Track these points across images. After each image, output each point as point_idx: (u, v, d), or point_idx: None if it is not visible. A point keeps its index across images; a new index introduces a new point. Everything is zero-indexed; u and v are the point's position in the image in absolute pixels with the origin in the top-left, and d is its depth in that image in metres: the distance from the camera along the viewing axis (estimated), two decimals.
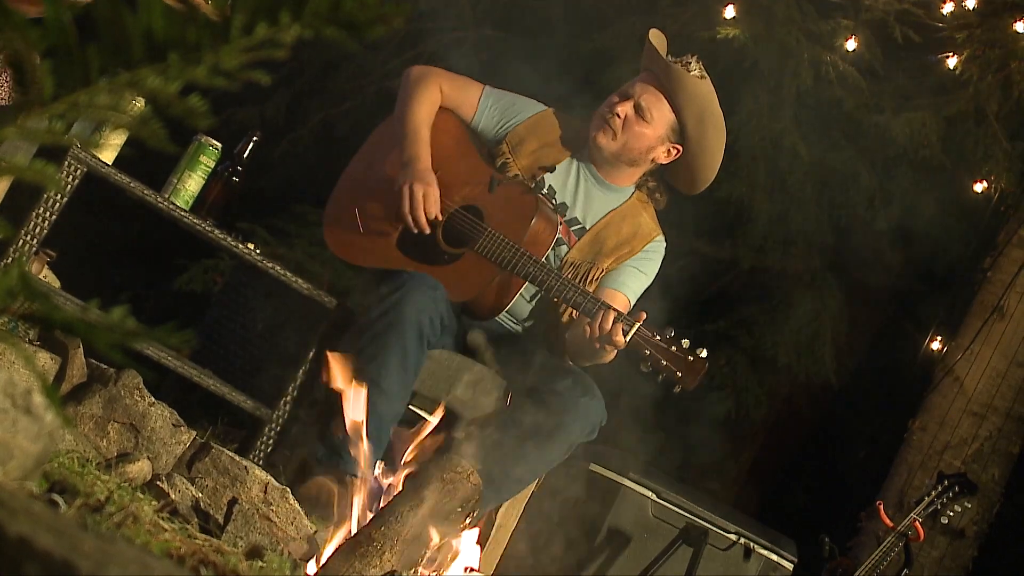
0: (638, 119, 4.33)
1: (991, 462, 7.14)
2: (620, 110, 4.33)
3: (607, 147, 4.35)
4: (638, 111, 4.33)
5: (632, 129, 4.34)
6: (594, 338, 3.97)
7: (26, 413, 1.67)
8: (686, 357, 3.96)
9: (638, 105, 4.33)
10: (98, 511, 2.19)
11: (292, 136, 8.88)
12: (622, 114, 4.33)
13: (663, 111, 4.34)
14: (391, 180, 4.32)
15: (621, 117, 4.33)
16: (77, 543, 1.22)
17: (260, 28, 1.34)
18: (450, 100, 4.50)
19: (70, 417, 3.18)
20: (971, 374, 7.23)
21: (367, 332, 3.95)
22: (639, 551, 5.12)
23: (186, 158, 4.36)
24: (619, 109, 4.33)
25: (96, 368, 3.45)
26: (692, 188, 4.51)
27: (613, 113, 4.34)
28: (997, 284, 7.36)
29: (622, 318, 3.96)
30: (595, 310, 4.01)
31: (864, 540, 6.84)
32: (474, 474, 3.43)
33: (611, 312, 3.96)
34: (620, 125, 4.33)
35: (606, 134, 4.35)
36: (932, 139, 7.13)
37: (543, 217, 4.25)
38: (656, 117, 4.33)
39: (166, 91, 1.34)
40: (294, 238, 7.80)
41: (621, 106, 4.34)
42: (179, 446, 3.32)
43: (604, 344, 3.97)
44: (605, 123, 4.34)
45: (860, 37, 7.01)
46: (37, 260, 4.26)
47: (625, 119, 4.33)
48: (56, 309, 1.36)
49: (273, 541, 2.84)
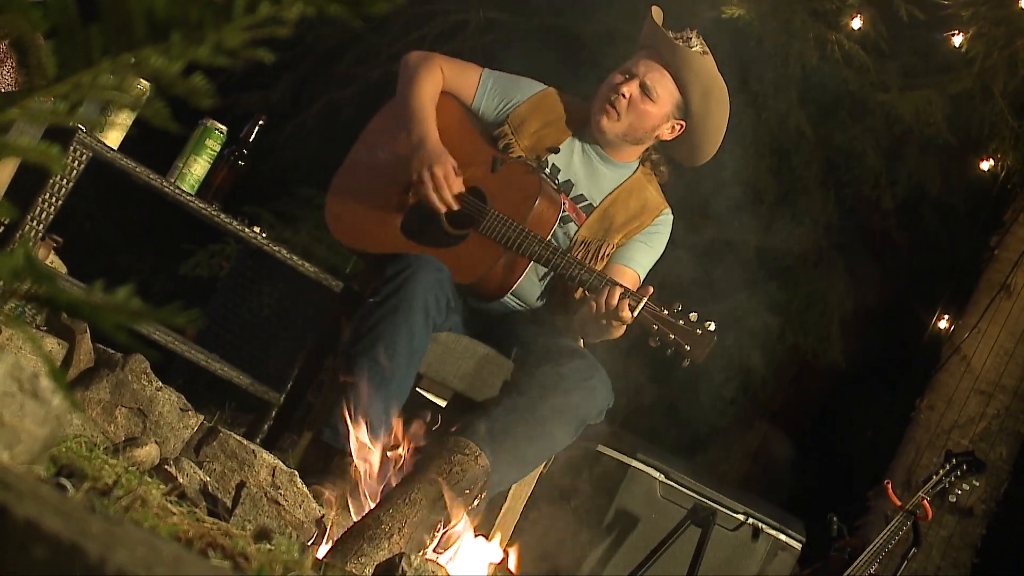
0: (643, 98, 4.32)
1: (999, 440, 7.15)
2: (625, 90, 4.30)
3: (610, 130, 4.34)
4: (644, 90, 4.31)
5: (637, 108, 4.32)
6: (600, 314, 3.96)
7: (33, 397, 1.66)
8: (694, 330, 3.95)
9: (643, 84, 4.31)
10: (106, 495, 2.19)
11: (298, 120, 8.89)
12: (627, 94, 4.30)
13: (668, 88, 4.32)
14: (396, 164, 4.32)
15: (626, 97, 4.30)
16: (85, 526, 1.22)
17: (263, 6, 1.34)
18: (450, 83, 4.49)
19: (77, 401, 3.18)
20: (978, 352, 7.24)
21: (373, 314, 3.95)
22: (647, 532, 5.12)
23: (192, 142, 4.36)
24: (624, 89, 4.30)
25: (103, 353, 3.45)
26: (694, 161, 4.50)
27: (618, 93, 4.31)
28: (1004, 262, 7.36)
29: (629, 294, 3.96)
30: (601, 287, 4.00)
31: (872, 519, 6.86)
32: (482, 456, 3.43)
33: (617, 288, 3.96)
34: (625, 105, 4.31)
35: (610, 117, 4.32)
36: (938, 117, 7.12)
37: (546, 196, 4.24)
38: (661, 95, 4.32)
39: (169, 71, 1.34)
40: (300, 221, 7.82)
41: (626, 86, 4.31)
42: (187, 430, 3.32)
43: (611, 320, 3.96)
44: (609, 104, 4.32)
45: (865, 15, 7.00)
46: (44, 246, 4.26)
47: (630, 99, 4.31)
48: (61, 291, 1.36)
49: (281, 524, 2.84)
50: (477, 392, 4.23)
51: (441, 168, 4.17)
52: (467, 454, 3.36)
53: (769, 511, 5.36)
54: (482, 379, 4.23)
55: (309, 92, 9.03)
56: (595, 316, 3.99)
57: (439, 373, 4.22)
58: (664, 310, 3.96)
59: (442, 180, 4.16)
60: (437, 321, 4.06)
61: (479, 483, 3.40)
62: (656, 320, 3.96)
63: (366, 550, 2.94)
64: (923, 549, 6.45)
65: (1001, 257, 7.39)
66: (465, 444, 3.40)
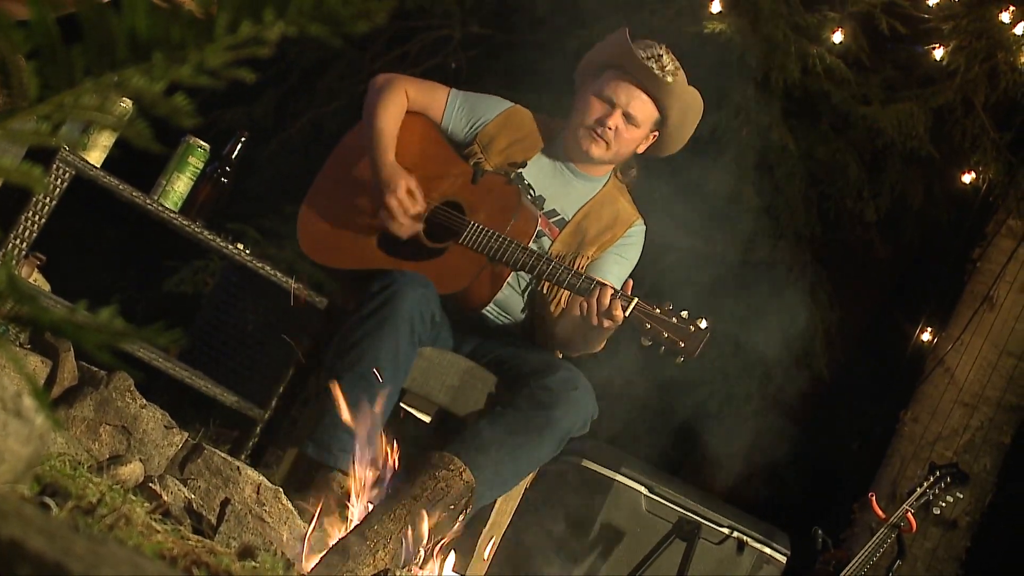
0: (628, 126, 4.35)
1: (983, 452, 7.16)
2: (611, 123, 4.32)
3: (601, 157, 4.38)
4: (628, 119, 4.34)
5: (623, 137, 4.35)
6: (592, 315, 3.96)
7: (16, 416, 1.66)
8: (687, 327, 3.96)
9: (627, 114, 4.33)
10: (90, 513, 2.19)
11: (281, 136, 8.89)
12: (613, 126, 4.33)
13: (648, 111, 4.35)
14: (364, 184, 4.33)
15: (612, 129, 4.33)
16: (69, 545, 1.22)
17: (244, 26, 1.34)
18: (417, 104, 4.50)
19: (61, 420, 3.18)
20: (962, 364, 7.25)
21: (359, 329, 3.95)
22: (632, 546, 5.12)
23: (175, 159, 4.36)
24: (610, 122, 4.32)
25: (87, 371, 3.44)
26: (662, 154, 4.55)
27: (605, 126, 4.33)
28: (987, 274, 7.38)
29: (620, 294, 3.97)
30: (592, 288, 4.01)
31: (857, 532, 6.87)
32: (467, 471, 3.43)
33: (608, 288, 3.97)
34: (612, 136, 4.34)
35: (599, 146, 4.35)
36: (920, 130, 7.15)
37: (525, 208, 4.26)
38: (643, 120, 4.35)
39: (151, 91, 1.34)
40: (284, 238, 7.80)
41: (611, 118, 4.32)
42: (171, 447, 3.32)
43: (603, 320, 3.96)
44: (597, 135, 4.34)
45: (846, 29, 7.04)
46: (27, 263, 4.26)
47: (616, 129, 4.33)
48: (44, 310, 1.36)
49: (266, 541, 2.84)
50: (461, 407, 4.23)
51: (393, 196, 4.18)
52: (451, 470, 3.35)
53: (754, 524, 5.37)
54: (466, 394, 4.23)
55: (292, 108, 9.03)
56: (586, 319, 3.99)
57: (423, 388, 4.22)
58: (656, 308, 3.98)
59: (396, 210, 4.18)
60: (423, 337, 4.06)
61: (463, 499, 3.39)
62: (648, 319, 3.97)
63: (351, 566, 2.94)
64: (908, 561, 6.46)
65: (984, 269, 7.41)
66: (449, 459, 3.40)
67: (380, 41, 8.61)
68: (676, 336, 3.97)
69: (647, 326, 3.98)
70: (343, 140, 4.62)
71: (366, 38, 8.35)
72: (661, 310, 3.98)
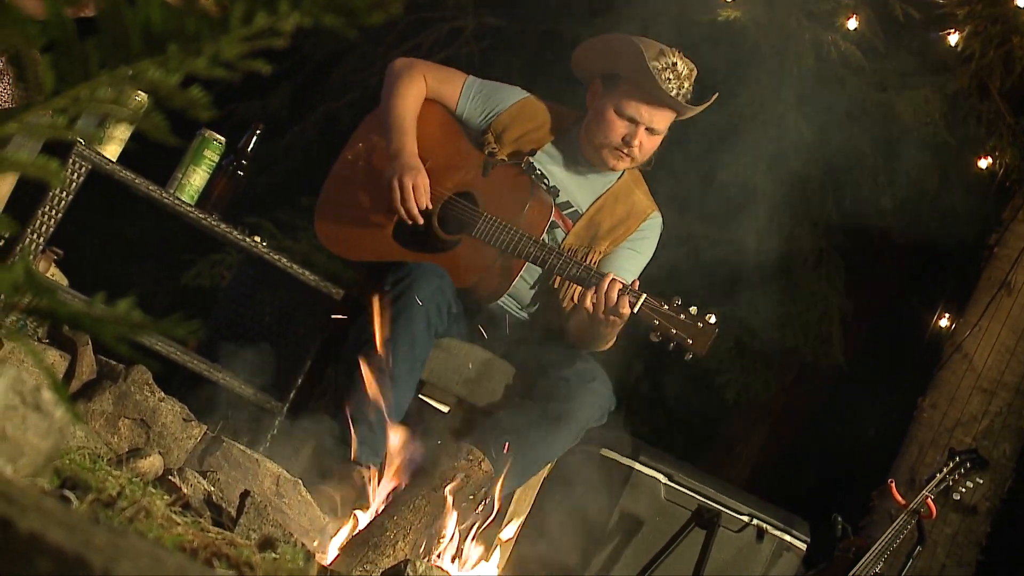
0: (651, 137, 4.32)
1: (1002, 438, 7.14)
2: (636, 141, 4.28)
3: (627, 167, 4.38)
4: (651, 132, 4.31)
5: (645, 147, 4.33)
6: (599, 311, 3.96)
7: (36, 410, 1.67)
8: (695, 323, 3.96)
9: (650, 128, 4.30)
10: (110, 506, 2.19)
11: (296, 129, 8.91)
12: (638, 143, 4.30)
13: (668, 118, 4.31)
14: (381, 173, 4.32)
15: (638, 146, 4.31)
16: (89, 538, 1.22)
17: (259, 17, 1.34)
18: (434, 91, 4.50)
19: (80, 413, 3.18)
20: (980, 350, 7.23)
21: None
22: (652, 534, 5.11)
23: (190, 153, 4.36)
24: (636, 141, 4.28)
25: (106, 365, 3.45)
26: None
27: (631, 147, 4.29)
28: (1004, 260, 7.36)
29: (628, 290, 3.96)
30: (599, 283, 4.00)
31: (877, 519, 6.85)
32: (485, 461, 3.43)
33: (616, 282, 3.96)
34: (638, 152, 4.32)
35: (625, 162, 4.35)
36: (935, 116, 7.13)
37: (538, 199, 4.25)
38: (664, 127, 4.33)
39: (167, 83, 1.34)
40: (300, 230, 7.82)
41: (636, 137, 4.27)
42: (190, 440, 3.32)
43: (610, 316, 3.95)
44: (624, 155, 4.31)
45: (861, 16, 7.01)
46: (44, 258, 4.27)
47: (641, 144, 4.31)
48: (62, 304, 1.36)
49: (286, 533, 2.84)
50: (479, 397, 4.23)
51: (411, 180, 4.18)
52: (471, 460, 3.35)
53: (773, 512, 5.36)
54: (484, 384, 4.23)
55: (307, 101, 9.04)
56: (593, 314, 3.98)
57: (441, 379, 4.22)
58: (664, 305, 3.97)
59: (409, 191, 4.17)
60: (439, 328, 4.06)
61: (483, 489, 3.40)
62: (657, 315, 3.96)
63: (371, 557, 2.94)
64: (928, 547, 6.45)
65: (1001, 255, 7.39)
66: (469, 450, 3.40)
67: (393, 33, 8.61)
68: (685, 333, 3.96)
69: (656, 322, 3.97)
70: (357, 131, 4.61)
71: (379, 30, 8.36)
72: (669, 307, 3.97)
